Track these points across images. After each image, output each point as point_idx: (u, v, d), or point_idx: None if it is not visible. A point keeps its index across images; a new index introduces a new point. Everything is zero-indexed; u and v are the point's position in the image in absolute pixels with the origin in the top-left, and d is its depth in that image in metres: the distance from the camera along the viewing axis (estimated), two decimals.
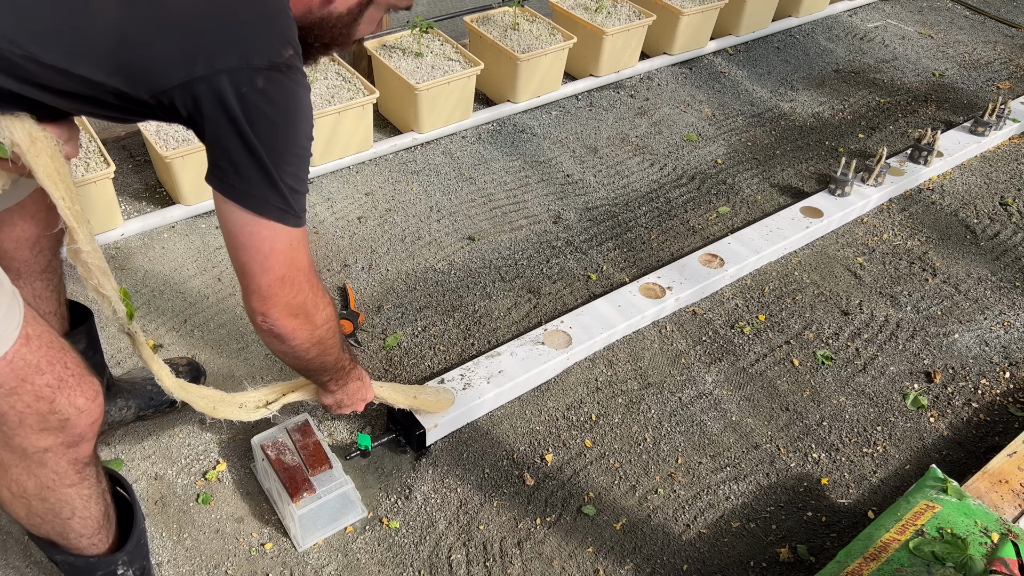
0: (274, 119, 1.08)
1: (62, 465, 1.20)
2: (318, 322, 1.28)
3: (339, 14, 1.20)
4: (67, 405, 1.15)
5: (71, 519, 1.27)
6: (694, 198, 2.75)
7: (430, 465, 1.84)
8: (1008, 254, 2.60)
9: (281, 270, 1.18)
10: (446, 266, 2.39)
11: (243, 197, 1.12)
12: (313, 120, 1.17)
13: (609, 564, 1.69)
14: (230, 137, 1.06)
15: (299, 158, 1.14)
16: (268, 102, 1.06)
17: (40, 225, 1.45)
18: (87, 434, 1.20)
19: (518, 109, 3.06)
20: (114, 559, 1.37)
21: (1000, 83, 3.53)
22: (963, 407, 2.10)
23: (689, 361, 2.16)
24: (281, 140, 1.10)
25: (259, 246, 1.15)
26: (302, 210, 1.18)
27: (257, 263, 1.17)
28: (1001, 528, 1.53)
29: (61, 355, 1.16)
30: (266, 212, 1.13)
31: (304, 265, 1.22)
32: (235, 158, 1.08)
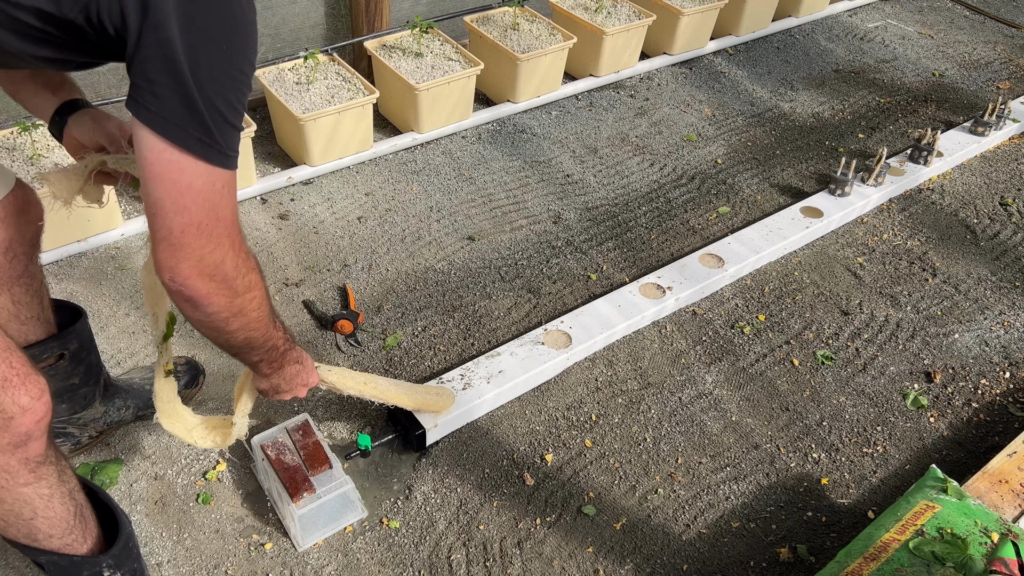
0: (205, 30, 0.94)
1: (12, 464, 1.17)
2: (238, 288, 1.12)
3: None
4: (10, 404, 1.13)
5: (33, 519, 1.25)
6: (694, 198, 2.75)
7: (430, 465, 1.84)
8: (1008, 254, 2.60)
9: (198, 214, 1.02)
10: (446, 266, 2.39)
11: (157, 122, 0.96)
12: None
13: (609, 564, 1.69)
14: (149, 47, 0.92)
15: (235, 82, 0.99)
16: (199, 10, 0.93)
17: (11, 230, 1.43)
18: (34, 432, 1.17)
19: (518, 109, 3.06)
20: (98, 561, 1.36)
21: (1000, 83, 3.53)
22: (963, 407, 2.10)
23: (689, 361, 2.16)
24: (212, 57, 0.95)
25: (176, 178, 0.99)
26: (231, 148, 1.03)
27: (171, 199, 1.00)
28: (1001, 528, 1.53)
29: (6, 355, 1.13)
30: (184, 142, 0.97)
31: (227, 216, 1.05)
32: (151, 74, 0.94)
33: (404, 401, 1.77)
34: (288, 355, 1.41)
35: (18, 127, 2.26)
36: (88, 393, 1.72)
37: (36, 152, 2.26)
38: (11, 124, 2.30)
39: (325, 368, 1.59)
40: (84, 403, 1.72)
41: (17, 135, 2.29)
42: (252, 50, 1.01)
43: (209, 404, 1.93)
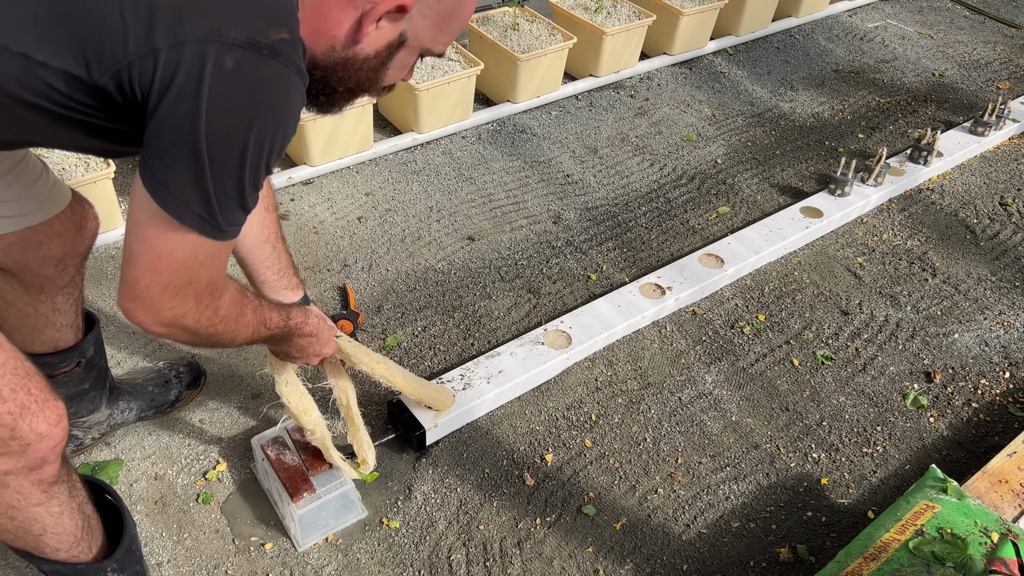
0: (232, 110, 0.89)
1: (25, 486, 1.16)
2: (203, 335, 1.12)
3: (366, 56, 1.04)
4: (28, 431, 1.11)
5: (43, 535, 1.25)
6: (694, 198, 2.75)
7: (430, 465, 1.84)
8: (1008, 254, 2.60)
9: (169, 277, 1.01)
10: (446, 266, 2.39)
11: (159, 190, 0.93)
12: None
13: (609, 564, 1.69)
14: (172, 119, 0.88)
15: (253, 167, 0.95)
16: (232, 88, 0.88)
17: (67, 245, 1.44)
18: (49, 457, 1.16)
19: (518, 109, 3.06)
20: (102, 566, 1.36)
21: (1000, 83, 3.54)
22: (963, 407, 2.10)
23: (689, 361, 2.16)
24: (232, 138, 0.91)
25: (157, 244, 0.97)
26: (231, 223, 1.00)
27: (147, 259, 0.99)
28: (1001, 528, 1.53)
29: (25, 382, 1.11)
30: (181, 215, 0.95)
31: (200, 281, 1.04)
32: (167, 143, 0.90)
33: (408, 390, 1.76)
34: (297, 332, 1.38)
35: None
36: (96, 397, 1.72)
37: (36, 152, 2.26)
38: None
39: (346, 340, 1.60)
40: (92, 407, 1.73)
41: None
42: (281, 139, 0.97)
43: (209, 404, 1.93)
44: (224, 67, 0.86)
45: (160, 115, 0.89)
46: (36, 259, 1.41)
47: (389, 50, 1.06)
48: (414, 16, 1.03)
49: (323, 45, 1.02)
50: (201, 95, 0.87)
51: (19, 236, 1.36)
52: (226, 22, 0.87)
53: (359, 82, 1.08)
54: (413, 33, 1.05)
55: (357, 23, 1.00)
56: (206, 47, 0.86)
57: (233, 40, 0.87)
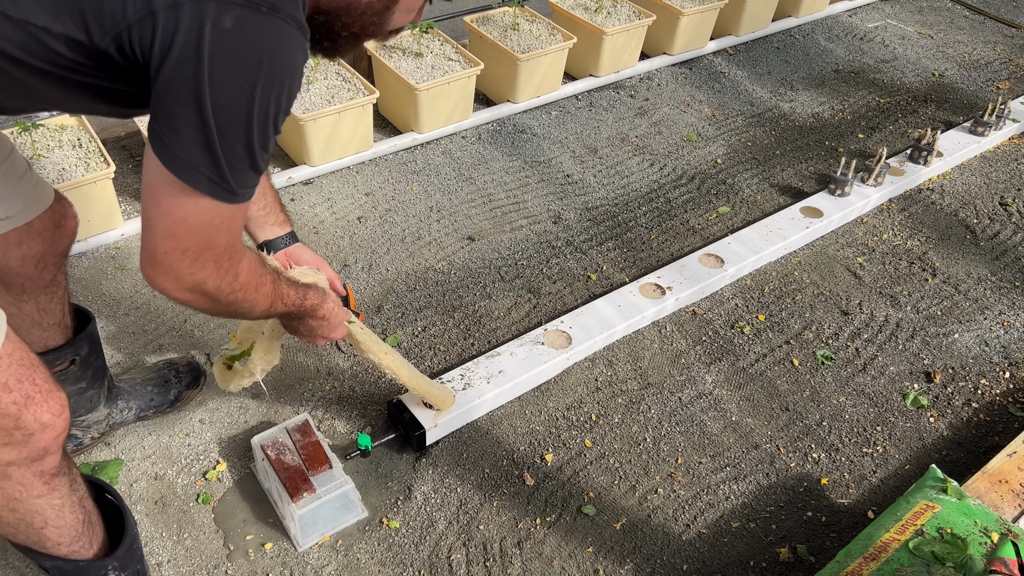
0: (234, 70, 0.88)
1: (27, 477, 1.17)
2: (221, 300, 1.12)
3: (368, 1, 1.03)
4: (32, 421, 1.12)
5: (44, 528, 1.25)
6: (694, 198, 2.75)
7: (430, 465, 1.84)
8: (1008, 254, 2.60)
9: (186, 242, 1.01)
10: (446, 266, 2.39)
11: (169, 155, 0.93)
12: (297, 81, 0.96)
13: (609, 564, 1.69)
14: (175, 80, 0.87)
15: (260, 127, 0.94)
16: (232, 48, 0.87)
17: (47, 243, 1.44)
18: (51, 447, 1.17)
19: (518, 109, 3.06)
20: (104, 564, 1.36)
21: (1000, 83, 3.54)
22: (963, 407, 2.10)
23: (689, 361, 2.16)
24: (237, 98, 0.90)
25: (172, 210, 0.98)
26: (243, 185, 1.00)
27: (163, 225, 0.99)
28: (1001, 528, 1.53)
29: (30, 372, 1.12)
30: (192, 180, 0.95)
31: (219, 244, 1.04)
32: (172, 107, 0.90)
33: (412, 384, 1.76)
34: (311, 313, 1.39)
35: (18, 127, 2.27)
36: (94, 396, 1.72)
37: (36, 152, 2.26)
38: (11, 124, 2.30)
39: (358, 327, 1.62)
40: (90, 406, 1.73)
41: (17, 135, 2.29)
42: (287, 96, 0.96)
43: (209, 404, 1.93)
44: (223, 26, 0.85)
45: (163, 78, 0.88)
46: (16, 259, 1.41)
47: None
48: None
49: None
50: (202, 56, 0.86)
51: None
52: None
53: (364, 26, 1.06)
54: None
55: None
56: (203, 6, 0.85)
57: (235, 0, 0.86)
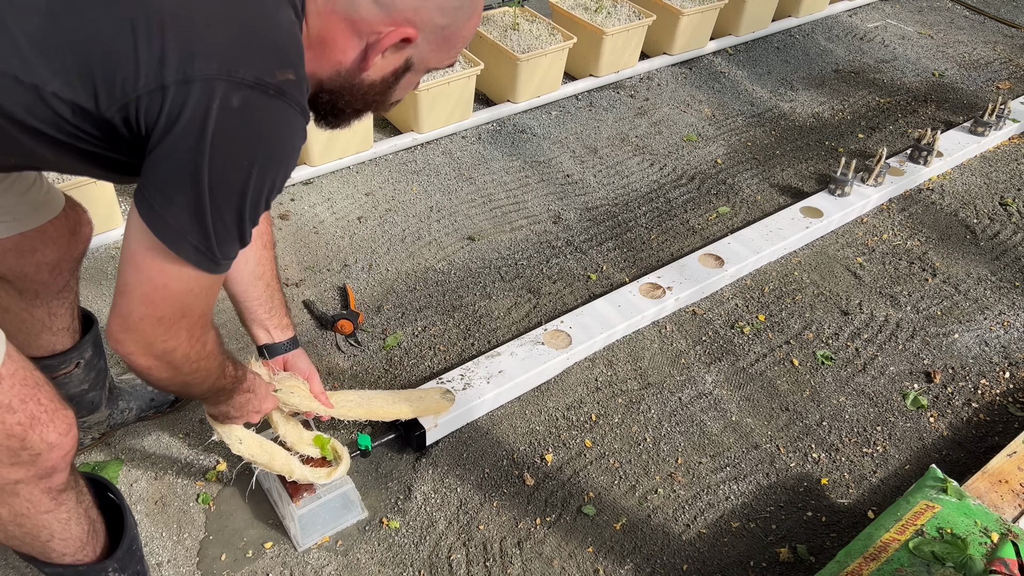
0: (235, 147, 0.91)
1: (35, 494, 1.17)
2: (185, 370, 1.11)
3: (372, 82, 1.07)
4: (38, 441, 1.11)
5: (50, 541, 1.25)
6: (694, 198, 2.75)
7: (430, 465, 1.84)
8: (1008, 254, 2.60)
9: (164, 310, 1.01)
10: (446, 266, 2.39)
11: (158, 223, 0.94)
12: (293, 162, 0.99)
13: (609, 564, 1.69)
14: (175, 152, 0.89)
15: (253, 203, 0.96)
16: (237, 126, 0.89)
17: (61, 250, 1.44)
18: (59, 465, 1.16)
19: (518, 109, 3.06)
20: (104, 566, 1.36)
21: (1000, 83, 3.54)
22: (963, 407, 2.10)
23: (689, 361, 2.16)
24: (234, 174, 0.92)
25: (154, 276, 0.98)
26: (227, 256, 1.01)
27: (142, 291, 0.99)
28: (1001, 528, 1.53)
29: (35, 392, 1.11)
30: (179, 248, 0.95)
31: (194, 314, 1.05)
32: (167, 177, 0.91)
33: (405, 412, 1.77)
34: (238, 389, 1.35)
35: None
36: (95, 398, 1.72)
37: None
38: None
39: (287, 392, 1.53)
40: (91, 407, 1.73)
41: None
42: (283, 175, 0.98)
43: None
44: (231, 105, 0.88)
45: (163, 148, 0.90)
46: (31, 265, 1.41)
47: (395, 75, 1.08)
48: (419, 43, 1.04)
49: (329, 70, 1.04)
50: (207, 131, 0.88)
51: (13, 242, 1.36)
52: (235, 61, 0.88)
53: (366, 104, 1.10)
54: (419, 58, 1.07)
55: (363, 53, 1.02)
56: (215, 85, 0.87)
57: (242, 80, 0.88)
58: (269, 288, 1.52)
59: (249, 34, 0.91)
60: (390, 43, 1.01)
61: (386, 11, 0.98)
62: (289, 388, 1.53)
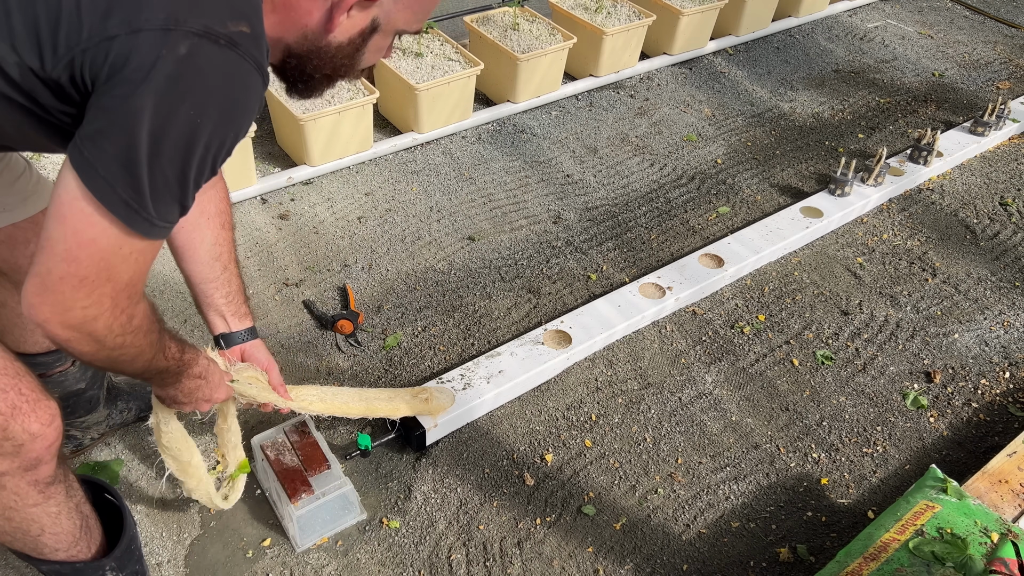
0: (182, 97, 0.85)
1: (22, 487, 1.16)
2: (108, 344, 1.01)
3: (339, 44, 1.04)
4: (20, 431, 1.10)
5: (41, 536, 1.24)
6: (694, 198, 2.75)
7: (430, 465, 1.84)
8: (1008, 254, 2.60)
9: (86, 269, 0.92)
10: (446, 266, 2.39)
11: (88, 171, 0.87)
12: (247, 119, 0.94)
13: (609, 564, 1.69)
14: (114, 99, 0.84)
15: (199, 159, 0.91)
16: (184, 73, 0.84)
17: None
18: (44, 457, 1.15)
19: (518, 109, 3.06)
20: (101, 564, 1.36)
21: (1000, 83, 3.53)
22: (963, 407, 2.10)
23: (689, 361, 2.16)
24: (178, 124, 0.86)
25: (79, 228, 0.90)
26: (163, 218, 0.93)
27: (64, 247, 0.91)
28: (1001, 528, 1.53)
29: (15, 381, 1.09)
30: (108, 199, 0.88)
31: (121, 279, 0.95)
32: (104, 125, 0.86)
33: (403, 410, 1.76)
34: (186, 373, 1.27)
35: None
36: (93, 397, 1.72)
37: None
38: None
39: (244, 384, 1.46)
40: (89, 407, 1.73)
41: None
42: (234, 133, 0.93)
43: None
44: (177, 53, 0.84)
45: (102, 94, 0.86)
46: (25, 257, 1.40)
47: (362, 36, 1.06)
48: (385, 2, 1.03)
49: (295, 34, 1.02)
50: (150, 78, 0.83)
51: (6, 234, 1.36)
52: (183, 11, 0.84)
53: (335, 68, 1.08)
54: (385, 18, 1.05)
55: (328, 13, 1.00)
56: (162, 35, 0.84)
57: (189, 28, 0.84)
58: (227, 271, 1.43)
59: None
60: (353, 1, 0.99)
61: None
62: (247, 379, 1.46)
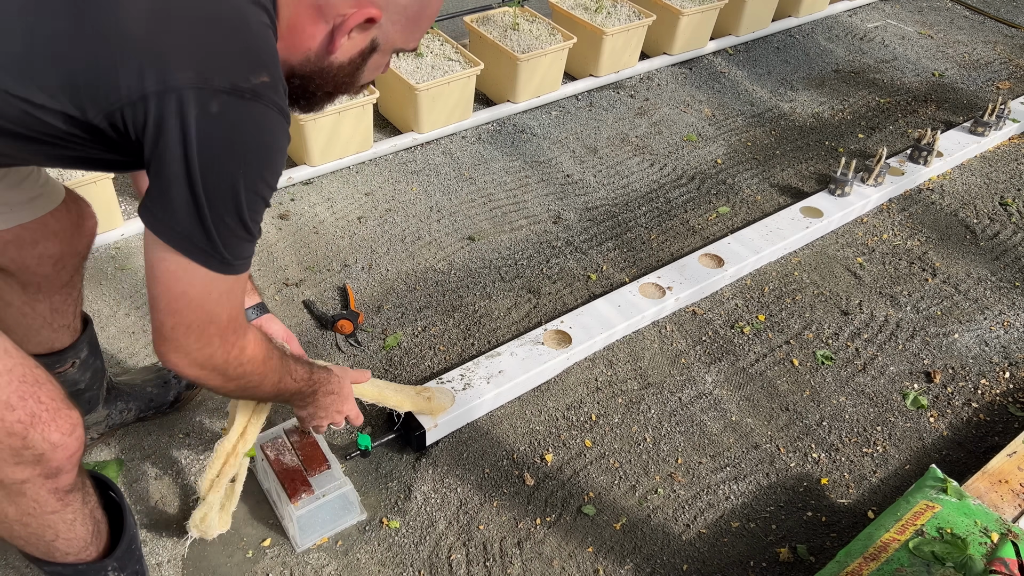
0: (220, 151, 0.96)
1: (42, 495, 1.16)
2: (231, 375, 1.17)
3: (340, 64, 1.12)
4: (41, 441, 1.10)
5: (55, 541, 1.25)
6: (694, 198, 2.75)
7: (430, 465, 1.84)
8: (1008, 254, 2.60)
9: (189, 317, 1.06)
10: (446, 266, 2.39)
11: (163, 230, 1.00)
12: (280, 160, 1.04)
13: (609, 564, 1.69)
14: (167, 164, 0.95)
15: (249, 200, 1.01)
16: (218, 130, 0.95)
17: (64, 244, 1.44)
18: (65, 466, 1.16)
19: (518, 109, 3.06)
20: (103, 565, 1.36)
21: (1000, 83, 3.53)
22: (963, 407, 2.10)
23: (689, 361, 2.16)
24: (224, 176, 0.98)
25: (171, 285, 1.04)
26: (238, 257, 1.05)
27: (165, 302, 1.05)
28: (1001, 528, 1.53)
29: (34, 389, 1.10)
30: (187, 251, 1.01)
31: (221, 318, 1.09)
32: (165, 185, 0.97)
33: (407, 404, 1.77)
34: (320, 391, 1.44)
35: None
36: (92, 397, 1.72)
37: None
38: None
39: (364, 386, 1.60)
40: (88, 407, 1.73)
41: None
42: (273, 175, 1.03)
43: (209, 404, 1.93)
44: (210, 112, 0.93)
45: (156, 159, 0.95)
46: (33, 257, 1.41)
47: (362, 56, 1.13)
48: (383, 24, 1.09)
49: (299, 57, 1.09)
50: (190, 139, 0.93)
51: (13, 234, 1.36)
52: (210, 69, 0.93)
53: (336, 86, 1.15)
54: (384, 38, 1.11)
55: (329, 35, 1.07)
56: (192, 94, 0.92)
57: (217, 87, 0.93)
58: None
59: (222, 41, 0.96)
60: (355, 23, 1.06)
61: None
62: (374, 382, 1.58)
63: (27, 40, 0.91)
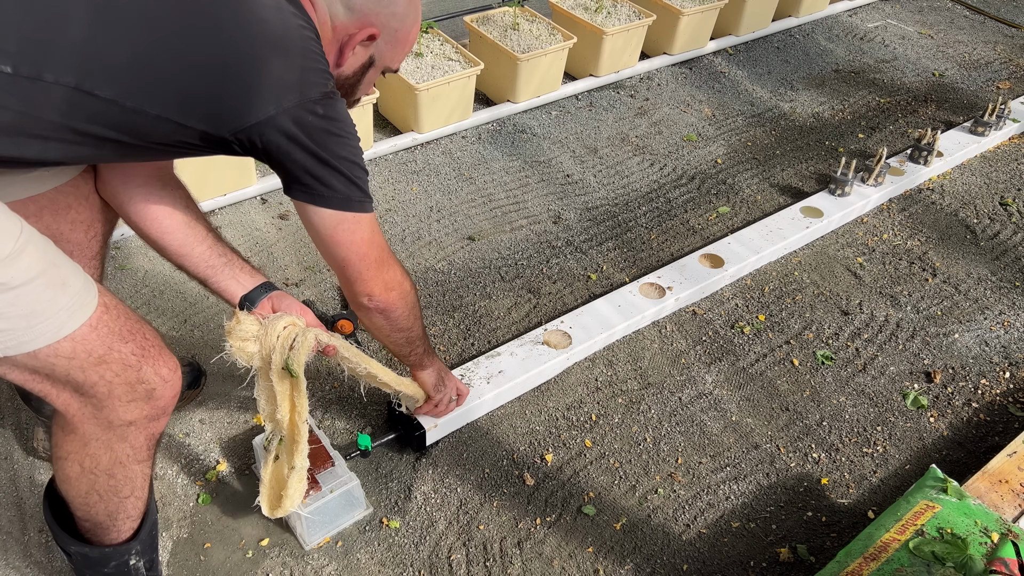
0: (337, 133, 1.24)
1: (140, 440, 1.26)
2: (407, 288, 1.46)
3: (346, 76, 1.36)
4: (152, 374, 1.20)
5: (128, 498, 1.32)
6: (694, 198, 2.75)
7: (430, 465, 1.84)
8: (1008, 254, 2.60)
9: (372, 253, 1.34)
10: (446, 266, 2.39)
11: (332, 201, 1.28)
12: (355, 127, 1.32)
13: (609, 564, 1.69)
14: (308, 160, 1.22)
15: (359, 151, 1.31)
16: (329, 122, 1.22)
17: (95, 209, 1.45)
18: (168, 407, 1.26)
19: (518, 109, 3.06)
20: (128, 548, 1.39)
21: (1000, 83, 3.54)
22: (963, 407, 2.10)
23: (689, 361, 2.16)
24: (345, 146, 1.26)
25: (352, 239, 1.31)
26: (368, 194, 1.34)
27: (355, 255, 1.33)
28: (1001, 528, 1.53)
29: (139, 325, 1.21)
30: (351, 207, 1.28)
31: (386, 247, 1.39)
32: (317, 173, 1.24)
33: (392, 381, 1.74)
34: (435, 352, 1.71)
35: None
36: None
37: None
38: None
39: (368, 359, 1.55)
40: None
41: None
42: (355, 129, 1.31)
43: (209, 404, 1.93)
44: (319, 113, 1.21)
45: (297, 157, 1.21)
46: (67, 223, 1.43)
47: (363, 70, 1.37)
48: (380, 42, 1.33)
49: None
50: (316, 136, 1.21)
51: (48, 199, 1.37)
52: (308, 89, 1.19)
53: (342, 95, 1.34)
54: (379, 55, 1.36)
55: (339, 51, 1.31)
56: (306, 107, 1.19)
57: (315, 97, 1.20)
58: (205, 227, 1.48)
59: (307, 67, 1.20)
60: (360, 39, 1.30)
61: (356, 16, 1.28)
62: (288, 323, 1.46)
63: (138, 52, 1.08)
